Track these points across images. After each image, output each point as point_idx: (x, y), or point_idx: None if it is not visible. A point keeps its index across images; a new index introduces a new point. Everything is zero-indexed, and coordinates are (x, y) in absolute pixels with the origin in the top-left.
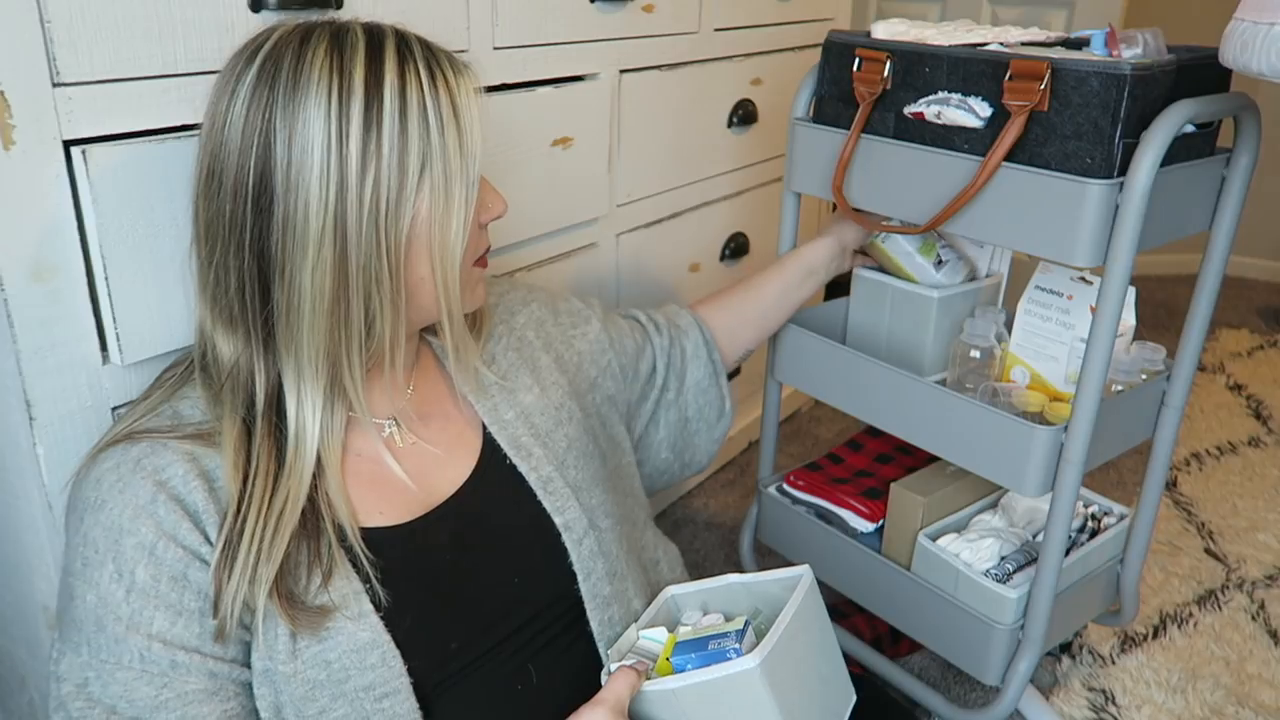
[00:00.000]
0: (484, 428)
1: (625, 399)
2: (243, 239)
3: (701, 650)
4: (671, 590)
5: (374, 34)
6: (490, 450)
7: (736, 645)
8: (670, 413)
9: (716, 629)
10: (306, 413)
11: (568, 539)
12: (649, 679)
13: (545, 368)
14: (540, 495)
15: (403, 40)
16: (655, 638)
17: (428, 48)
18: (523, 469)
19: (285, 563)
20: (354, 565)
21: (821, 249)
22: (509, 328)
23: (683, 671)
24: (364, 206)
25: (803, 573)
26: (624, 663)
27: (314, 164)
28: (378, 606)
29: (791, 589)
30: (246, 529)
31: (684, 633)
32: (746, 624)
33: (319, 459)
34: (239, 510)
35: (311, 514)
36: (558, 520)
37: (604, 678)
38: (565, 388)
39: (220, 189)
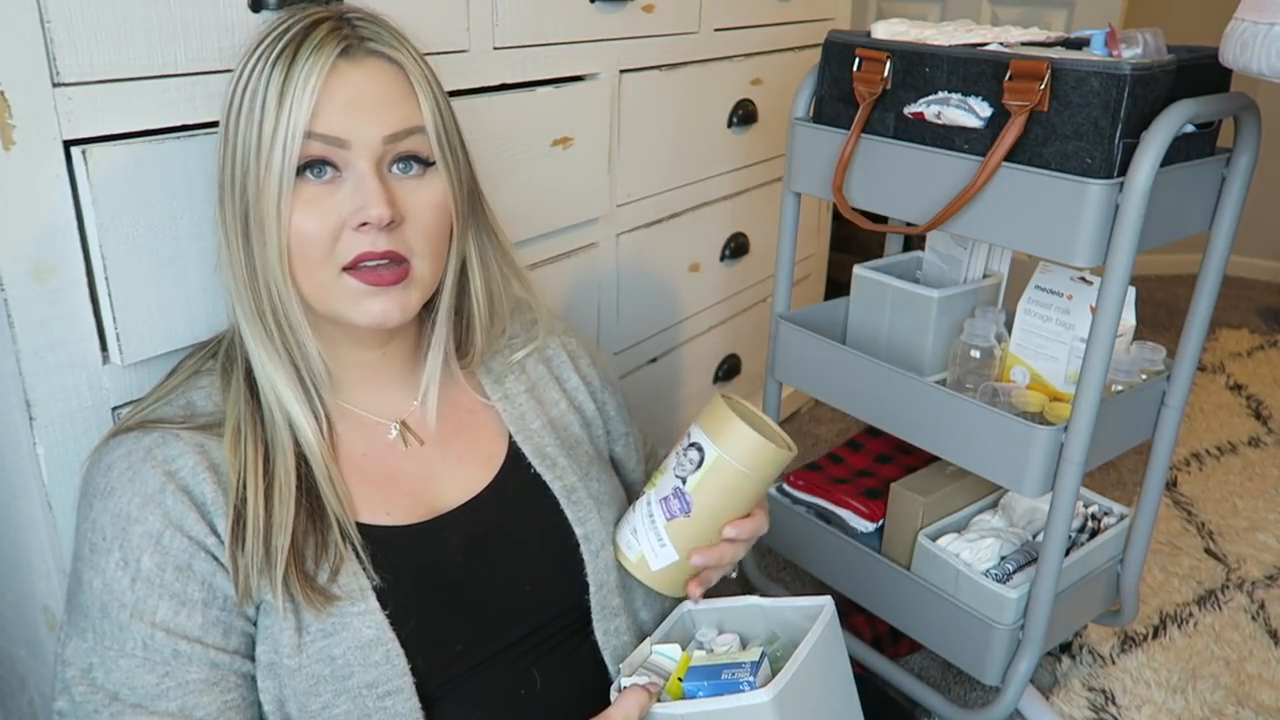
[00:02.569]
0: (509, 436)
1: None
2: (217, 203)
3: (715, 679)
4: (688, 605)
5: (296, 11)
6: (514, 459)
7: (750, 678)
8: None
9: (732, 657)
10: (266, 389)
11: (586, 550)
12: (659, 700)
13: (573, 388)
14: (564, 505)
15: (299, 19)
16: (668, 654)
17: (312, 27)
18: (547, 478)
19: (295, 539)
20: (360, 561)
21: None
22: (543, 344)
23: (694, 698)
24: (225, 184)
25: (824, 604)
26: (635, 680)
27: (220, 131)
28: (384, 604)
29: (811, 618)
30: (249, 498)
31: (699, 657)
32: (763, 655)
33: (300, 441)
34: (239, 487)
35: (316, 503)
36: (579, 531)
37: (613, 693)
38: (592, 411)
39: None
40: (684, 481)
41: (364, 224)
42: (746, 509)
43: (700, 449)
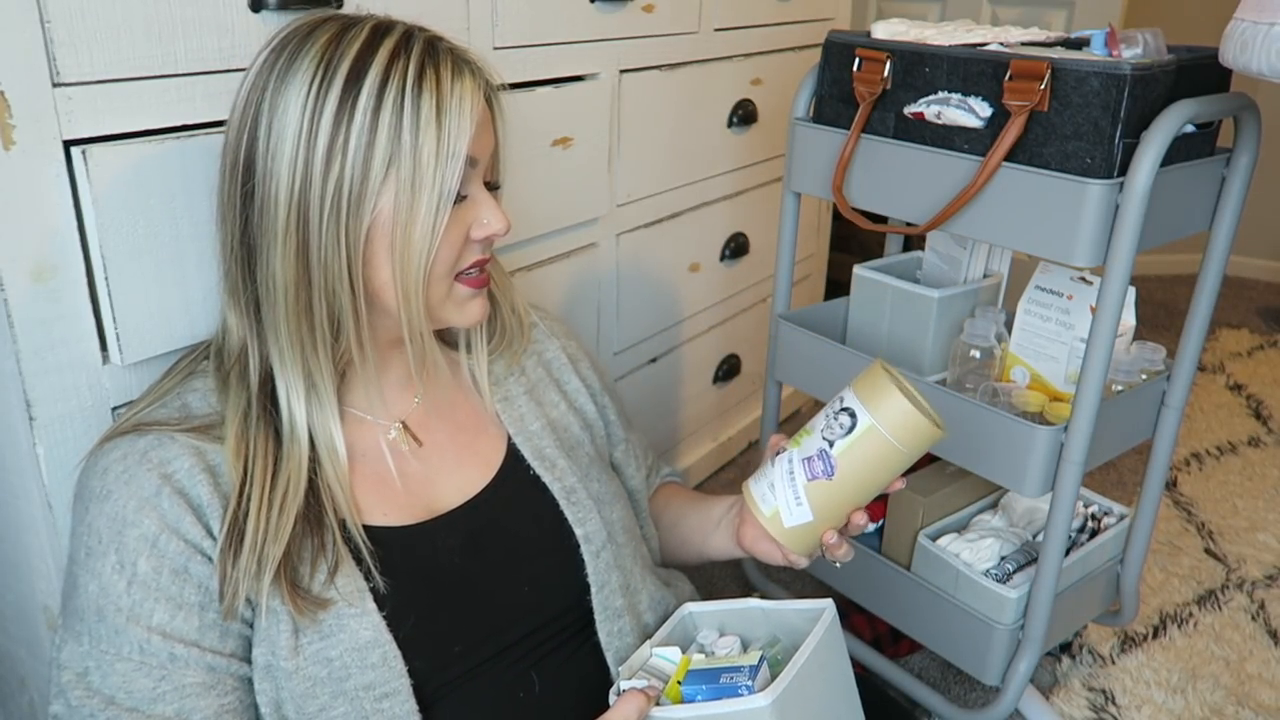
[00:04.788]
0: (508, 438)
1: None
2: (234, 219)
3: (713, 682)
4: (689, 607)
5: (380, 28)
6: (513, 460)
7: (749, 682)
8: None
9: (730, 661)
10: (293, 398)
11: (586, 550)
12: (658, 704)
13: (574, 391)
14: (563, 506)
15: (408, 37)
16: (668, 657)
17: (432, 46)
18: (546, 479)
19: (290, 548)
20: (358, 562)
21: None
22: (543, 347)
23: (692, 702)
24: (326, 201)
25: (825, 606)
26: (634, 683)
27: (285, 152)
28: (381, 606)
29: (812, 621)
30: (251, 509)
31: (698, 660)
32: (762, 659)
33: (315, 447)
34: (242, 493)
35: (315, 505)
36: (578, 531)
37: (612, 696)
38: (593, 414)
39: (223, 167)
40: (831, 445)
41: (488, 236)
42: (888, 481)
43: (853, 415)
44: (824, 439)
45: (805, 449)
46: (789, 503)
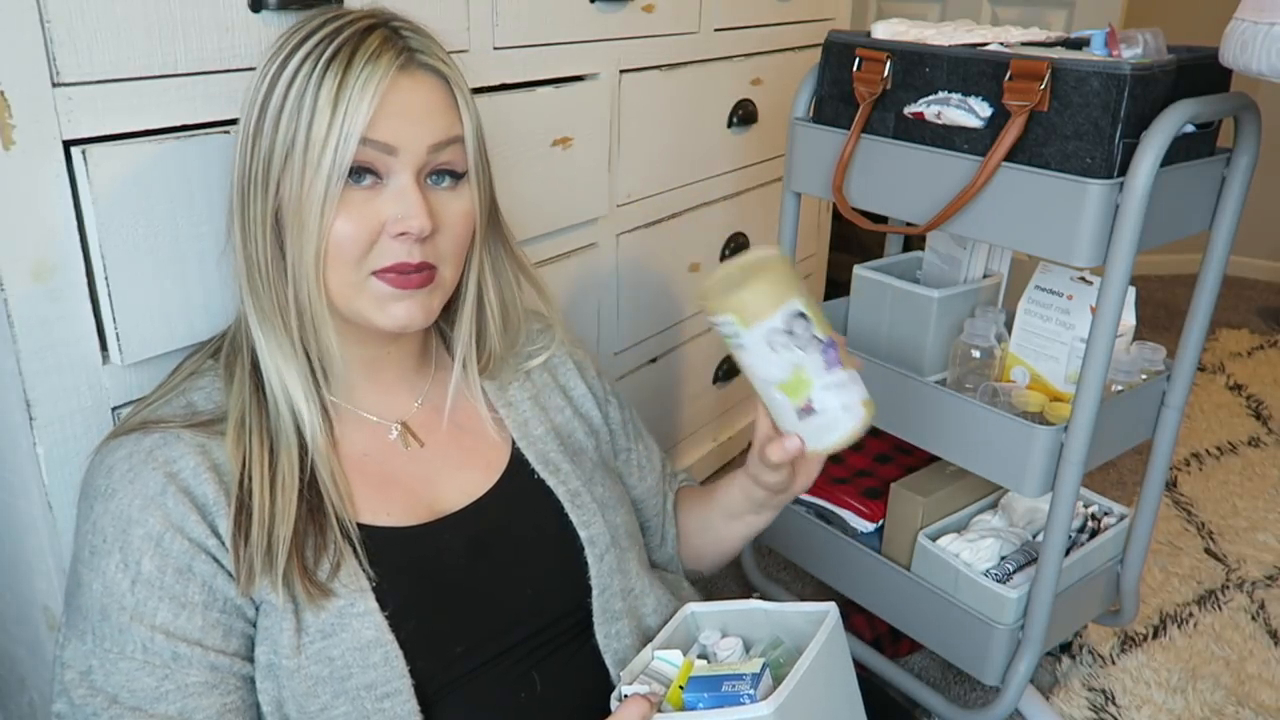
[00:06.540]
0: (512, 442)
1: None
2: (228, 204)
3: (715, 690)
4: (691, 607)
5: (340, 15)
6: (517, 464)
7: (751, 690)
8: None
9: (733, 668)
10: (274, 382)
11: (590, 554)
12: (660, 710)
13: (579, 397)
14: (568, 509)
15: (347, 23)
16: (670, 660)
17: (365, 34)
18: (550, 483)
19: (297, 534)
20: (360, 562)
21: (733, 484)
22: (549, 352)
23: (694, 709)
24: (252, 180)
25: (828, 610)
26: (637, 688)
27: (239, 129)
28: (383, 605)
29: (815, 623)
30: (254, 490)
31: (700, 666)
32: (764, 667)
33: (301, 435)
34: (242, 481)
35: (315, 499)
36: (583, 534)
37: (614, 702)
38: (598, 420)
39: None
40: (816, 325)
41: (403, 233)
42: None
43: (801, 314)
44: (816, 338)
45: (813, 364)
46: (850, 400)
